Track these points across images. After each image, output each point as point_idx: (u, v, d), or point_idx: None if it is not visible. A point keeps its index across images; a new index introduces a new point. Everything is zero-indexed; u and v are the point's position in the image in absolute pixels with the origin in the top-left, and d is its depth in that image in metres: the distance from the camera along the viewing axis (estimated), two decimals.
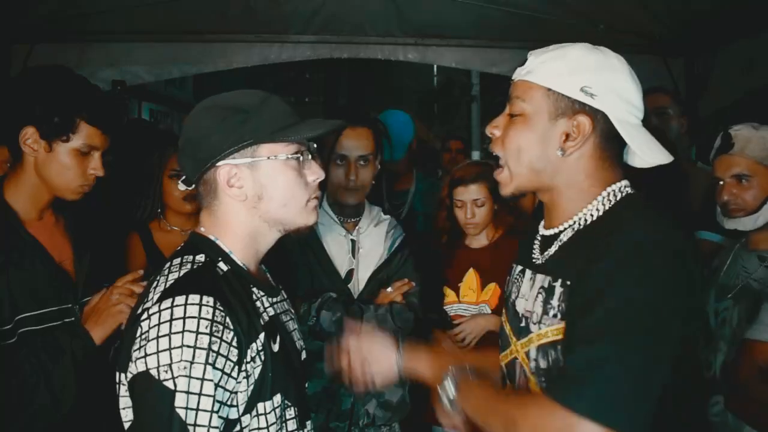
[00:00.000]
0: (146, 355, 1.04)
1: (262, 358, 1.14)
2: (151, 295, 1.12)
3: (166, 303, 1.07)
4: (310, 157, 1.24)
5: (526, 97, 1.15)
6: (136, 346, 1.06)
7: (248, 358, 1.11)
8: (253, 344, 1.12)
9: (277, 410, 1.16)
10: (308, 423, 1.30)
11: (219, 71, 3.79)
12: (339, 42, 3.76)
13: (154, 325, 1.05)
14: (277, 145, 1.19)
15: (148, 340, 1.05)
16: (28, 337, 1.55)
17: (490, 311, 2.27)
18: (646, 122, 2.82)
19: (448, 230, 2.37)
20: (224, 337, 1.06)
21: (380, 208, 2.17)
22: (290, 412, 1.21)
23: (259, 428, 1.13)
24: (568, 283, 1.10)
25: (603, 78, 1.12)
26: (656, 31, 3.35)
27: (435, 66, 10.95)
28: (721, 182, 1.81)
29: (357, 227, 2.06)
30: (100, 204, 1.85)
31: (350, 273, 2.02)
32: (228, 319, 1.07)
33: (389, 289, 1.99)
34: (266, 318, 1.20)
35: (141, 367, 1.04)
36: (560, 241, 1.18)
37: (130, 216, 2.29)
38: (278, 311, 1.27)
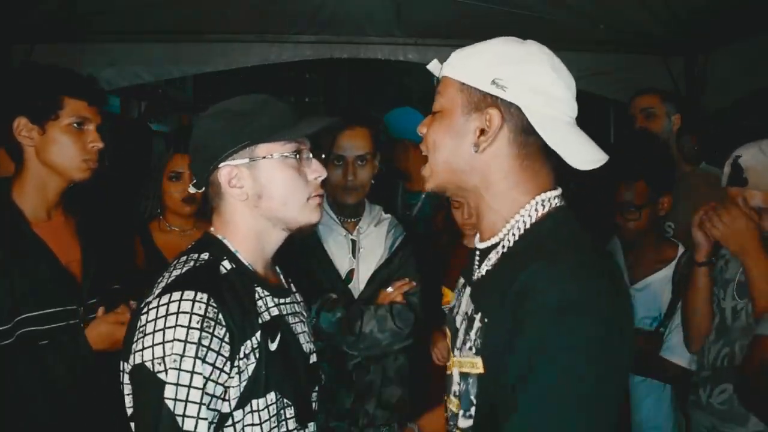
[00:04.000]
0: (143, 348, 1.09)
1: (257, 355, 1.16)
2: (154, 290, 1.16)
3: (164, 299, 1.11)
4: (310, 155, 1.27)
5: (444, 93, 1.12)
6: (135, 338, 1.11)
7: (241, 355, 1.13)
8: (248, 341, 1.15)
9: (272, 408, 1.18)
10: (311, 425, 1.30)
11: (219, 71, 3.79)
12: (339, 42, 3.76)
13: (151, 320, 1.10)
14: (275, 144, 1.22)
15: (145, 334, 1.09)
16: (29, 338, 1.55)
17: None
18: (634, 122, 2.81)
19: (448, 230, 2.37)
20: (216, 333, 1.09)
21: (381, 207, 2.17)
22: (290, 411, 1.23)
23: (252, 424, 1.16)
24: (486, 320, 1.05)
25: (518, 70, 1.06)
26: (656, 31, 3.35)
27: None
28: None
29: (357, 227, 2.05)
30: (105, 205, 1.86)
31: (351, 273, 2.01)
32: (221, 316, 1.11)
33: (389, 289, 1.99)
34: (267, 317, 1.22)
35: (138, 360, 1.09)
36: (489, 260, 1.12)
37: (131, 217, 2.29)
38: (285, 312, 1.29)
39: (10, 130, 1.62)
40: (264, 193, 1.23)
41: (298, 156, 1.24)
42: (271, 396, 1.18)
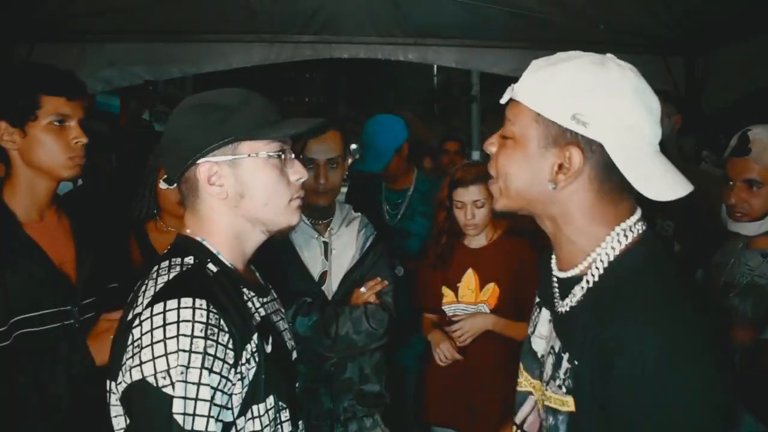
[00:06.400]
0: (141, 362, 1.02)
1: (257, 359, 1.13)
2: (140, 300, 1.10)
3: (158, 308, 1.05)
4: (293, 156, 1.23)
5: (516, 120, 1.04)
6: (128, 354, 1.04)
7: (243, 360, 1.10)
8: (248, 345, 1.11)
9: (271, 412, 1.16)
10: (300, 423, 1.30)
11: (219, 71, 3.80)
12: (339, 42, 3.77)
13: (147, 332, 1.03)
14: (258, 142, 1.17)
15: (142, 348, 1.02)
16: (25, 340, 1.54)
17: (488, 311, 2.28)
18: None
19: (448, 230, 2.37)
20: (220, 340, 1.05)
21: (351, 205, 2.17)
22: (285, 414, 1.21)
23: (253, 431, 1.12)
24: (576, 363, 1.00)
25: (599, 102, 0.97)
26: (656, 31, 3.35)
27: (435, 66, 10.97)
28: (731, 183, 1.82)
29: (329, 229, 2.05)
30: (101, 204, 1.85)
31: (323, 275, 2.01)
32: (222, 321, 1.06)
33: (363, 289, 1.98)
34: (258, 319, 1.19)
35: (137, 376, 1.02)
36: (573, 296, 1.05)
37: (127, 216, 2.29)
38: (269, 311, 1.26)
39: None
40: (246, 193, 1.18)
41: (282, 156, 1.20)
42: (270, 400, 1.15)
